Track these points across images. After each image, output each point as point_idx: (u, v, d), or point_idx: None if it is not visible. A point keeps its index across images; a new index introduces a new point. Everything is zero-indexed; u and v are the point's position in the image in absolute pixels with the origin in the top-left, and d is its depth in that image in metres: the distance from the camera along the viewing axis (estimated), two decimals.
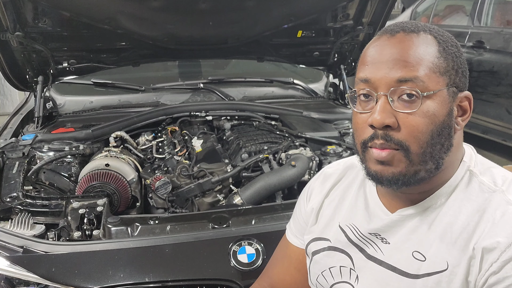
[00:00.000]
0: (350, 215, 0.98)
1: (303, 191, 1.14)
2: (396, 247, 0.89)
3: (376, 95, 0.82)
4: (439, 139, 0.82)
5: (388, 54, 0.82)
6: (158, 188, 1.77)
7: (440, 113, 0.82)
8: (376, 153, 0.83)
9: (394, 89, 0.81)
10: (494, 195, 0.83)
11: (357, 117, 0.87)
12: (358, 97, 0.86)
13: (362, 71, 0.85)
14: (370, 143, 0.84)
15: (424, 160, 0.82)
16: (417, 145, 0.81)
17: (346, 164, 1.08)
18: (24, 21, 2.11)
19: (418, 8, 5.66)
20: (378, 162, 0.83)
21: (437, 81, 0.81)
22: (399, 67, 0.81)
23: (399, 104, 0.81)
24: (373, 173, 0.85)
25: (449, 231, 0.83)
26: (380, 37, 0.86)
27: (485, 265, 0.78)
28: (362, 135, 0.86)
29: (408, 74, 0.80)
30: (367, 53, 0.86)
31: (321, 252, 1.01)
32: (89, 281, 1.28)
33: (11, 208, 1.56)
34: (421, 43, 0.82)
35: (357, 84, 0.86)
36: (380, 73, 0.82)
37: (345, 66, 2.72)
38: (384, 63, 0.82)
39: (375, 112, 0.82)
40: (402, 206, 0.90)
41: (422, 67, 0.80)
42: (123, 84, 2.72)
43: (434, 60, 0.82)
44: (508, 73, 4.17)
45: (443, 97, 0.82)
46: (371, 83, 0.83)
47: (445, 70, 0.82)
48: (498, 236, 0.78)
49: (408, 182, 0.83)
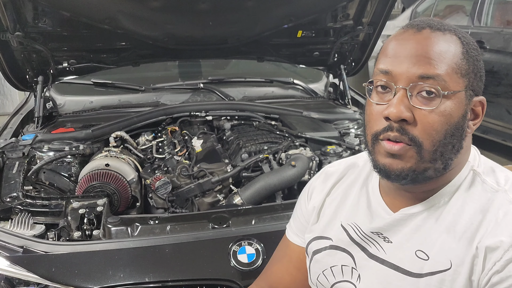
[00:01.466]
0: (352, 214, 0.98)
1: (303, 189, 1.14)
2: (399, 246, 0.89)
3: (395, 88, 0.82)
4: (451, 139, 0.82)
5: (413, 49, 0.81)
6: (158, 188, 1.77)
7: (456, 114, 0.82)
8: (388, 146, 0.82)
9: (414, 85, 0.80)
10: (497, 194, 0.83)
11: (372, 107, 0.86)
12: (375, 88, 0.85)
13: (383, 62, 0.84)
14: (382, 135, 0.83)
15: (435, 159, 0.82)
16: (430, 143, 0.81)
17: (348, 163, 1.07)
18: (24, 21, 2.11)
19: (418, 8, 5.66)
20: (388, 155, 0.83)
21: (457, 82, 0.81)
22: (422, 63, 0.80)
23: (418, 100, 0.81)
24: (381, 166, 0.84)
25: (453, 230, 0.83)
26: (406, 31, 0.85)
27: (488, 264, 0.78)
28: (374, 126, 0.85)
29: (431, 71, 0.80)
30: (390, 45, 0.85)
31: (323, 251, 1.00)
32: (89, 281, 1.28)
33: (11, 208, 1.56)
34: (447, 42, 0.82)
35: (376, 75, 0.85)
36: (402, 67, 0.81)
37: (345, 66, 2.71)
38: (407, 58, 0.81)
39: (392, 104, 0.81)
40: (404, 205, 0.90)
41: (445, 66, 0.80)
42: (123, 84, 2.71)
43: (458, 61, 0.81)
44: (508, 73, 4.17)
45: (461, 99, 0.82)
46: (391, 75, 0.82)
47: (466, 72, 0.82)
48: (501, 235, 0.78)
49: (416, 178, 0.83)
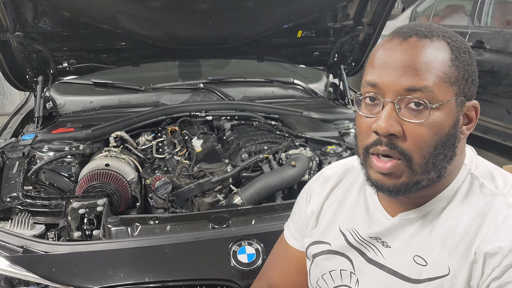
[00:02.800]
0: (350, 218, 0.97)
1: (301, 192, 1.13)
2: (397, 251, 0.88)
3: (383, 101, 0.80)
4: (442, 149, 0.80)
5: (399, 59, 0.79)
6: (158, 188, 1.77)
7: (446, 123, 0.80)
8: (378, 165, 0.82)
9: (402, 97, 0.79)
10: (495, 198, 0.82)
11: (361, 120, 0.85)
12: (364, 99, 0.84)
13: (370, 74, 0.83)
14: (372, 148, 0.82)
15: (427, 170, 0.81)
16: (420, 156, 0.79)
17: (346, 166, 1.06)
18: (24, 21, 2.11)
19: (418, 8, 5.66)
20: (379, 172, 0.82)
21: (446, 91, 0.79)
22: (409, 75, 0.78)
23: (406, 112, 0.79)
24: (373, 181, 0.84)
25: (451, 235, 0.82)
26: (392, 40, 0.83)
27: (487, 270, 0.78)
28: (365, 139, 0.84)
29: (418, 84, 0.77)
30: (376, 55, 0.83)
31: (321, 255, 1.00)
32: (89, 281, 1.28)
33: (11, 208, 1.56)
34: (434, 50, 0.79)
35: (363, 87, 0.84)
36: (388, 79, 0.79)
37: (345, 66, 2.72)
38: (394, 69, 0.79)
39: (380, 118, 0.80)
40: (403, 210, 0.89)
41: (433, 76, 0.78)
42: (123, 84, 2.72)
43: (446, 69, 0.79)
44: (508, 73, 4.17)
45: (451, 107, 0.80)
46: (378, 87, 0.81)
47: (455, 80, 0.80)
48: (500, 241, 0.77)
49: (409, 191, 0.83)
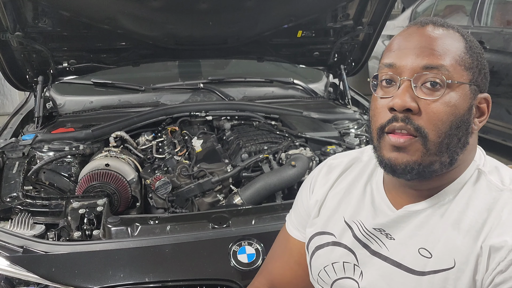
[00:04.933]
0: (356, 210, 0.98)
1: (305, 182, 1.12)
2: (402, 243, 0.88)
3: (400, 80, 0.82)
4: (457, 131, 0.82)
5: (416, 41, 0.83)
6: (158, 188, 1.77)
7: (461, 106, 0.82)
8: (393, 139, 0.82)
9: (418, 75, 0.81)
10: (502, 193, 0.84)
11: (377, 102, 0.86)
12: (380, 82, 0.86)
13: (388, 57, 0.86)
14: (387, 127, 0.83)
15: (441, 151, 0.82)
16: (435, 134, 0.81)
17: (351, 156, 1.06)
18: (24, 21, 2.11)
19: (418, 8, 5.66)
20: (394, 148, 0.83)
21: (461, 74, 0.82)
22: (426, 54, 0.81)
23: (422, 91, 0.82)
24: (387, 161, 0.84)
25: (457, 227, 0.83)
26: (409, 28, 0.87)
27: (492, 264, 0.78)
28: (380, 119, 0.85)
29: (434, 62, 0.81)
30: (394, 41, 0.87)
31: (325, 246, 1.00)
32: (89, 281, 1.28)
33: (11, 208, 1.56)
34: (450, 36, 0.84)
35: (380, 69, 0.86)
36: (405, 59, 0.83)
37: (345, 66, 2.71)
38: (411, 50, 0.83)
39: (397, 95, 0.82)
40: (408, 202, 0.89)
41: (449, 57, 0.81)
42: (123, 84, 2.71)
43: (461, 54, 0.83)
44: (508, 73, 4.17)
45: (465, 92, 0.83)
46: (395, 68, 0.84)
47: (470, 66, 0.83)
48: (505, 235, 0.78)
49: (422, 172, 0.83)
